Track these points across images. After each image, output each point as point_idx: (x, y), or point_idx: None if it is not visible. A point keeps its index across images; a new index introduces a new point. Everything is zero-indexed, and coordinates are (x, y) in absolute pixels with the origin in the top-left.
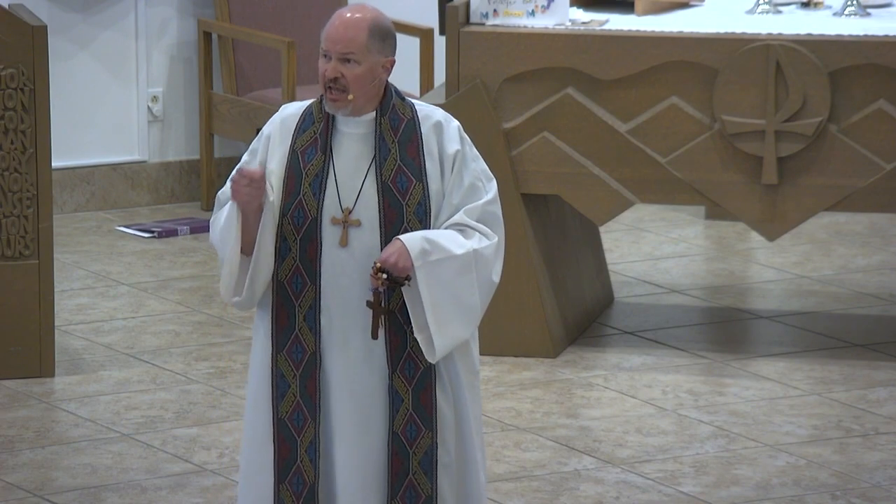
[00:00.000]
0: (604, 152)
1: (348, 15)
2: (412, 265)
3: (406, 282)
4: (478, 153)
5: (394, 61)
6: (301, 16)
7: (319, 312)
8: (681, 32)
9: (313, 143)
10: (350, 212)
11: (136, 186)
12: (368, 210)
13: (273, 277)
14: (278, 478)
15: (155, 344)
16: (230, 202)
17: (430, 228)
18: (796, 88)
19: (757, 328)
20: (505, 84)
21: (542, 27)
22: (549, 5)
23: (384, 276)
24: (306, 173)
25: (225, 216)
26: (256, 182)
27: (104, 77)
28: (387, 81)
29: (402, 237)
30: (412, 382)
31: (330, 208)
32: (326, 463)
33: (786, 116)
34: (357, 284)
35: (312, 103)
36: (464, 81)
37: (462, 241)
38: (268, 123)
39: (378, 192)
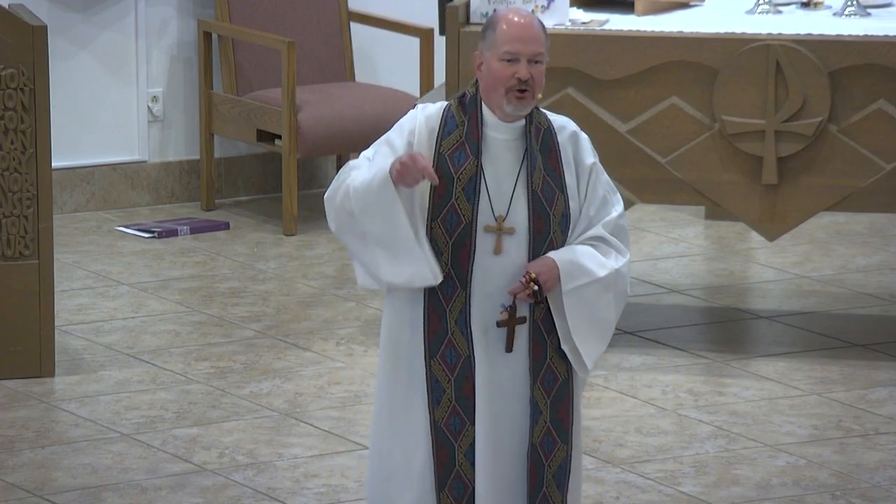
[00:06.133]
0: (604, 152)
1: (524, 14)
2: (560, 289)
3: (543, 301)
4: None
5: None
6: (301, 16)
7: (470, 317)
8: (681, 32)
9: (460, 146)
10: (503, 219)
11: (136, 186)
12: (519, 218)
13: None
14: (438, 485)
15: (155, 344)
16: (381, 173)
17: (568, 241)
18: (796, 88)
19: (757, 328)
20: None
21: None
22: (549, 5)
23: (536, 287)
24: (458, 177)
25: (376, 185)
26: (426, 179)
27: (104, 77)
28: None
29: (554, 256)
30: (550, 394)
31: (483, 214)
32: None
33: (786, 116)
34: (505, 291)
35: (450, 105)
36: (464, 81)
37: (603, 260)
38: (406, 119)
39: (528, 199)
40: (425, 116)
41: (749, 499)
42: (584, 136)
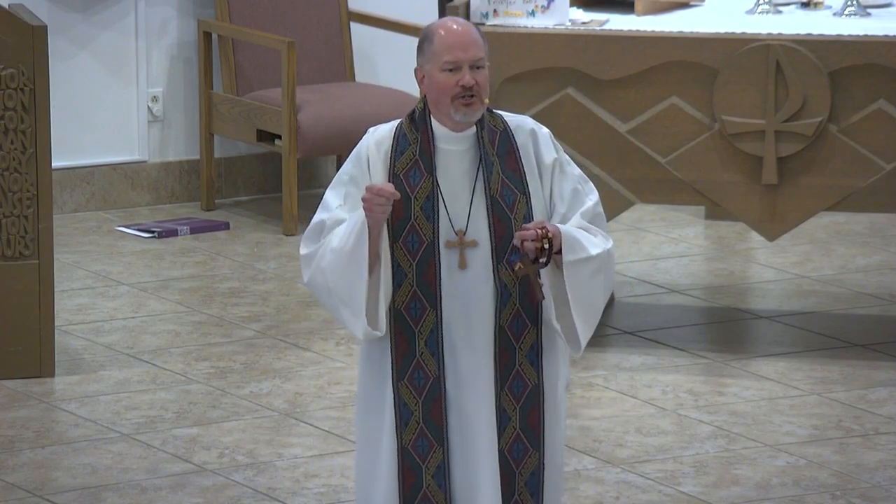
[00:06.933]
0: (604, 152)
1: (459, 22)
2: (560, 259)
3: (545, 264)
4: (568, 157)
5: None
6: (301, 16)
7: (442, 336)
8: (681, 32)
9: (414, 164)
10: (464, 233)
11: (136, 186)
12: (480, 229)
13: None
14: None
15: (155, 344)
16: (358, 225)
17: None
18: (796, 88)
19: (757, 328)
20: (505, 84)
21: (542, 27)
22: (549, 5)
23: (547, 245)
24: (415, 197)
25: (351, 244)
26: (391, 198)
27: (104, 77)
28: None
29: (560, 227)
30: (520, 400)
31: (443, 230)
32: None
33: (786, 116)
34: (475, 303)
35: (401, 124)
36: None
37: (594, 240)
38: (360, 148)
39: (487, 207)
40: (376, 141)
41: (749, 499)
42: (543, 131)
